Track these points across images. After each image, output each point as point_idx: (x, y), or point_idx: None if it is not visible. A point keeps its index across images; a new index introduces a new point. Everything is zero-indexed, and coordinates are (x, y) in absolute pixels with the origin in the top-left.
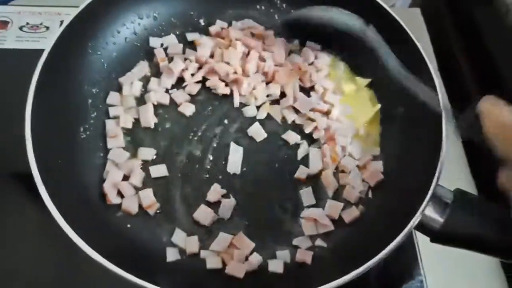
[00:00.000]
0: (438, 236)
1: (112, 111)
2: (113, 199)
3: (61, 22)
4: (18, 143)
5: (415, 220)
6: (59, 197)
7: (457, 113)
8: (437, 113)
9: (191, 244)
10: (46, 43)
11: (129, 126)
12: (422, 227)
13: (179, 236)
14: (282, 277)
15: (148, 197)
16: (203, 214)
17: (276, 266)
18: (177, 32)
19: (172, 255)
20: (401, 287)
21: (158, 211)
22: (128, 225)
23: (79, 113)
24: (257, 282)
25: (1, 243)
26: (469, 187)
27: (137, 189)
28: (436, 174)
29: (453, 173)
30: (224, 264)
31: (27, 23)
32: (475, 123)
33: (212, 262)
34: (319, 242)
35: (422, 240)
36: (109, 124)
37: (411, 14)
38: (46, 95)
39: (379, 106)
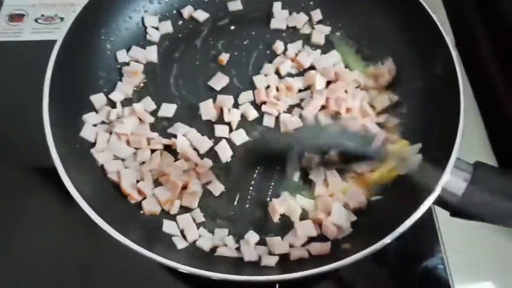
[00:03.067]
0: (458, 210)
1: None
2: (136, 196)
3: None
4: (38, 135)
5: (434, 195)
6: (84, 191)
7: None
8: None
9: (191, 231)
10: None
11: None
12: (441, 201)
13: (168, 226)
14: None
15: (164, 194)
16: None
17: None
18: None
19: (180, 243)
20: (421, 264)
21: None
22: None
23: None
24: None
25: (27, 233)
26: (490, 161)
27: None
28: (455, 147)
29: (473, 147)
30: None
31: (42, 15)
32: None
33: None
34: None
35: (442, 217)
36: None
37: None
38: (62, 84)
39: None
